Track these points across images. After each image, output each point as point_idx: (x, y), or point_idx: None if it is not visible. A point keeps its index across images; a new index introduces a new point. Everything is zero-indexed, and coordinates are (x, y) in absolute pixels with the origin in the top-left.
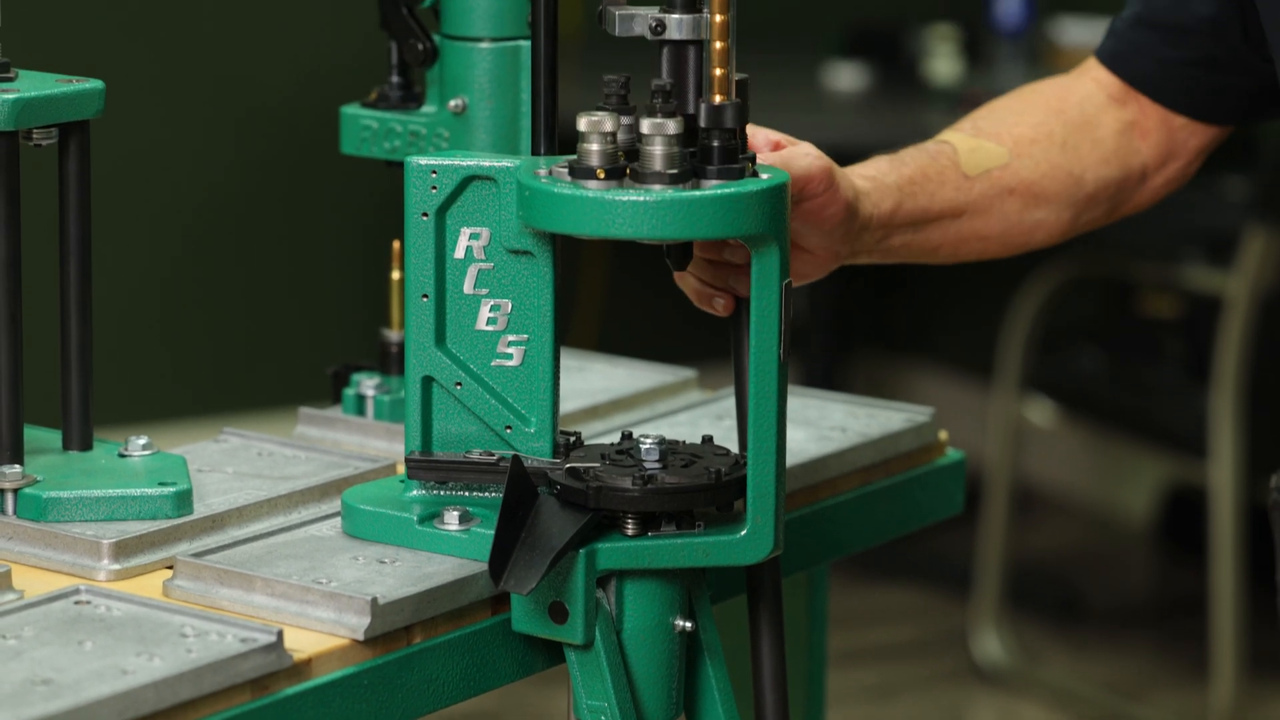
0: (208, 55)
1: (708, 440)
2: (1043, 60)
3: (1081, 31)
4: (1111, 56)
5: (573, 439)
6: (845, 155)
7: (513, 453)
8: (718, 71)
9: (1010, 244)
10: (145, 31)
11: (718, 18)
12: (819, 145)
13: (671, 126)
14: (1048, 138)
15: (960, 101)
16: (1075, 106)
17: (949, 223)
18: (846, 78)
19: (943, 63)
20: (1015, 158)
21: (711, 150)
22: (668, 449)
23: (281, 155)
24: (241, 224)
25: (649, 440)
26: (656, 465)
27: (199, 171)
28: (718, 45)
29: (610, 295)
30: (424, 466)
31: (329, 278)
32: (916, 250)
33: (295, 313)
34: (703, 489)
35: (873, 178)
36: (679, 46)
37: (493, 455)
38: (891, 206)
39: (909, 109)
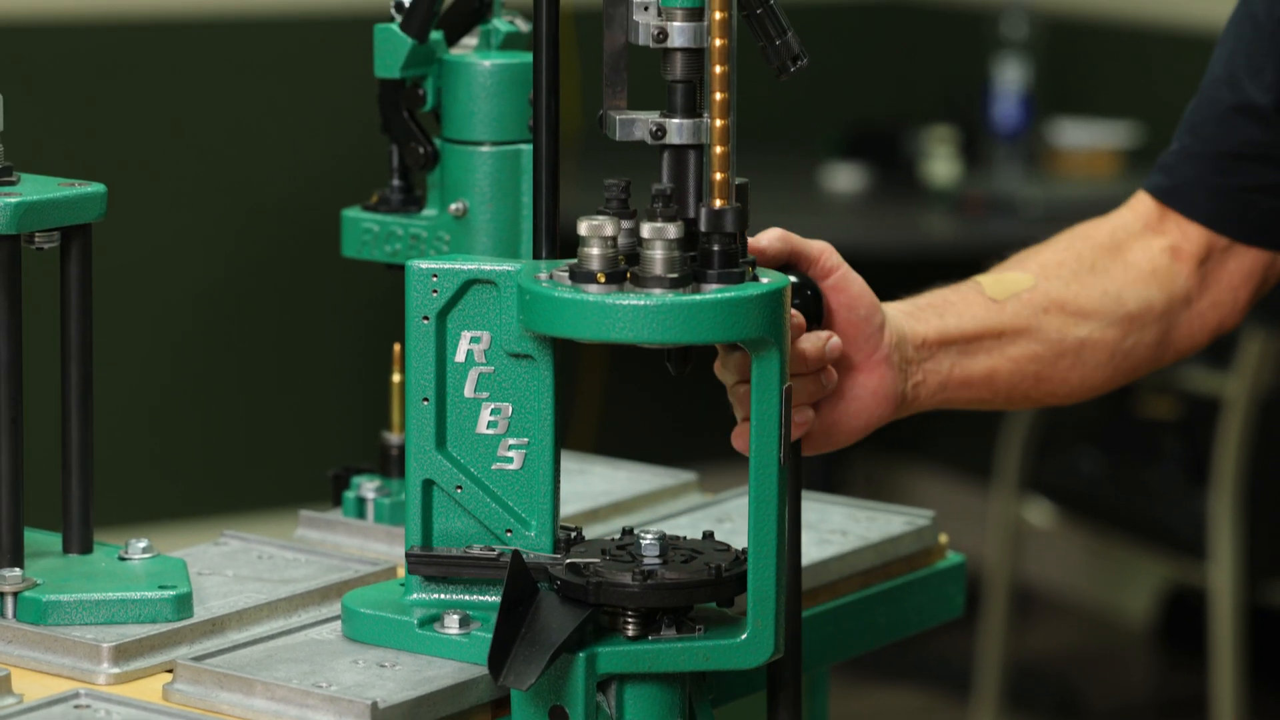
0: (209, 158)
1: (708, 536)
2: (1040, 162)
3: (1079, 133)
4: (1164, 191)
5: (573, 534)
6: (844, 256)
7: (513, 548)
8: (718, 176)
9: (1063, 371)
10: (147, 134)
11: (718, 122)
12: None
13: (672, 231)
14: (1075, 260)
15: (958, 203)
16: (1106, 234)
17: (991, 344)
18: (845, 179)
19: (941, 164)
20: (1042, 280)
21: (712, 254)
22: (668, 544)
23: (282, 257)
24: (242, 326)
25: (649, 535)
26: (657, 561)
27: (200, 273)
28: (718, 150)
29: (609, 397)
30: (424, 561)
31: (329, 380)
32: (973, 379)
33: (295, 414)
34: (703, 584)
35: (892, 305)
36: (679, 151)
37: (493, 550)
38: (924, 323)
39: (907, 210)
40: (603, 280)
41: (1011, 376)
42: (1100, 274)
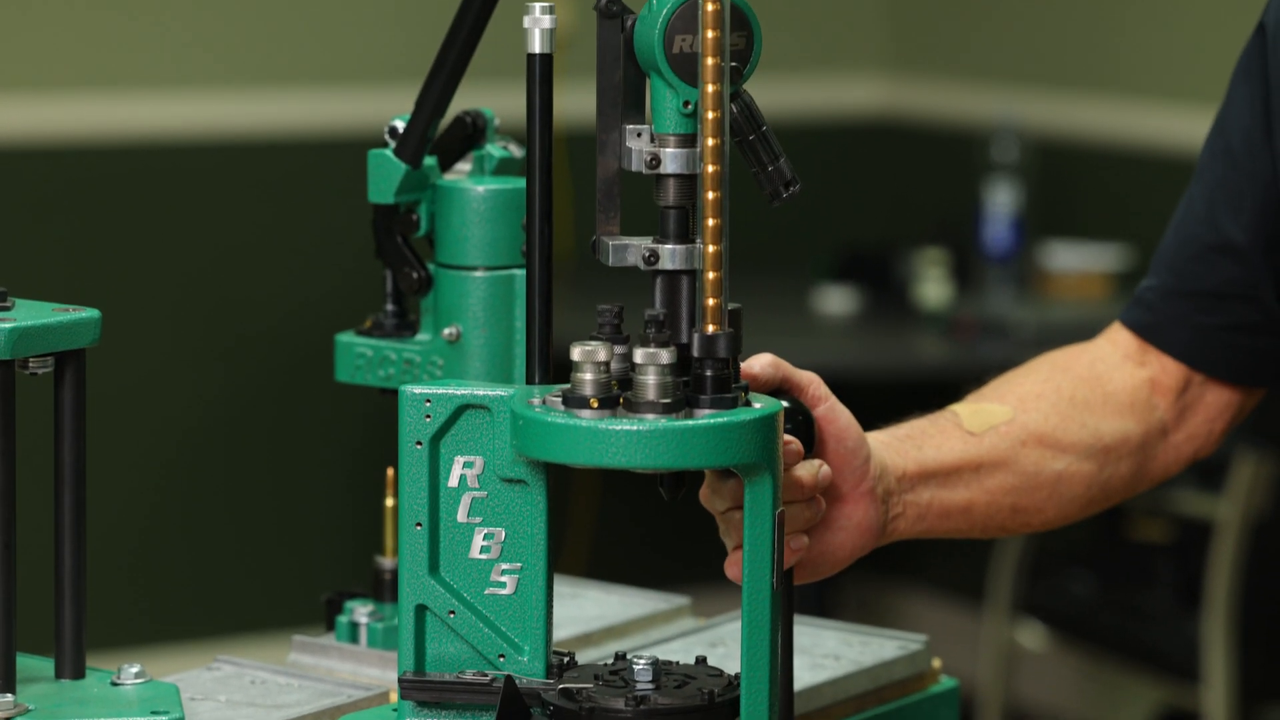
0: (203, 280)
1: (701, 661)
2: (1032, 284)
3: (1070, 256)
4: (1145, 328)
5: (566, 659)
6: (836, 378)
7: (506, 673)
8: (711, 301)
9: (1040, 502)
10: (141, 256)
11: (711, 248)
12: (810, 368)
13: (664, 356)
14: (1055, 392)
15: (950, 325)
16: (1086, 365)
17: (970, 476)
18: (836, 301)
19: (932, 287)
20: (1021, 412)
21: (705, 380)
22: (661, 670)
23: (275, 380)
24: (236, 449)
25: (642, 661)
26: (650, 686)
27: (194, 396)
28: (711, 275)
29: (601, 519)
30: (417, 686)
31: (322, 503)
32: (952, 510)
33: (288, 538)
34: (696, 710)
35: (871, 436)
36: (672, 276)
37: (486, 676)
38: (904, 455)
39: (899, 333)
40: (596, 406)
41: (988, 508)
42: (1079, 407)
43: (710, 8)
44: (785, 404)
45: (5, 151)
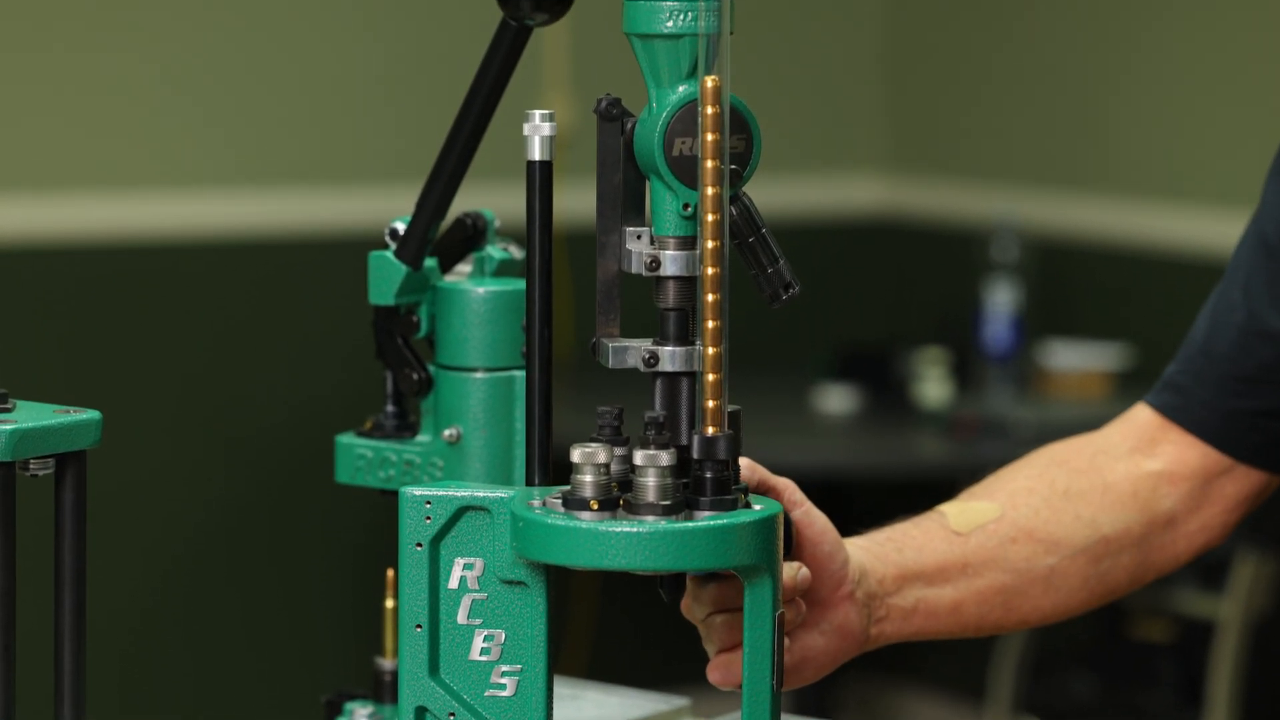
0: (203, 380)
1: None
2: (1031, 384)
3: (1070, 355)
4: (1174, 409)
5: None
6: (836, 478)
7: None
8: (711, 403)
9: (1035, 598)
10: (142, 356)
11: (710, 350)
12: (809, 469)
13: (664, 458)
14: (1048, 486)
15: (950, 424)
16: (1087, 458)
17: (956, 577)
18: (836, 400)
19: (932, 386)
20: (1010, 509)
21: (704, 481)
22: None
23: (275, 481)
24: (235, 549)
25: None
26: None
27: (194, 496)
28: (710, 377)
29: (601, 620)
30: None
31: (322, 604)
32: (939, 611)
33: (288, 639)
34: None
35: (852, 541)
36: (672, 377)
37: None
38: (883, 560)
39: (899, 432)
40: (596, 508)
41: (980, 607)
42: (1074, 499)
43: (710, 111)
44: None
45: (6, 252)
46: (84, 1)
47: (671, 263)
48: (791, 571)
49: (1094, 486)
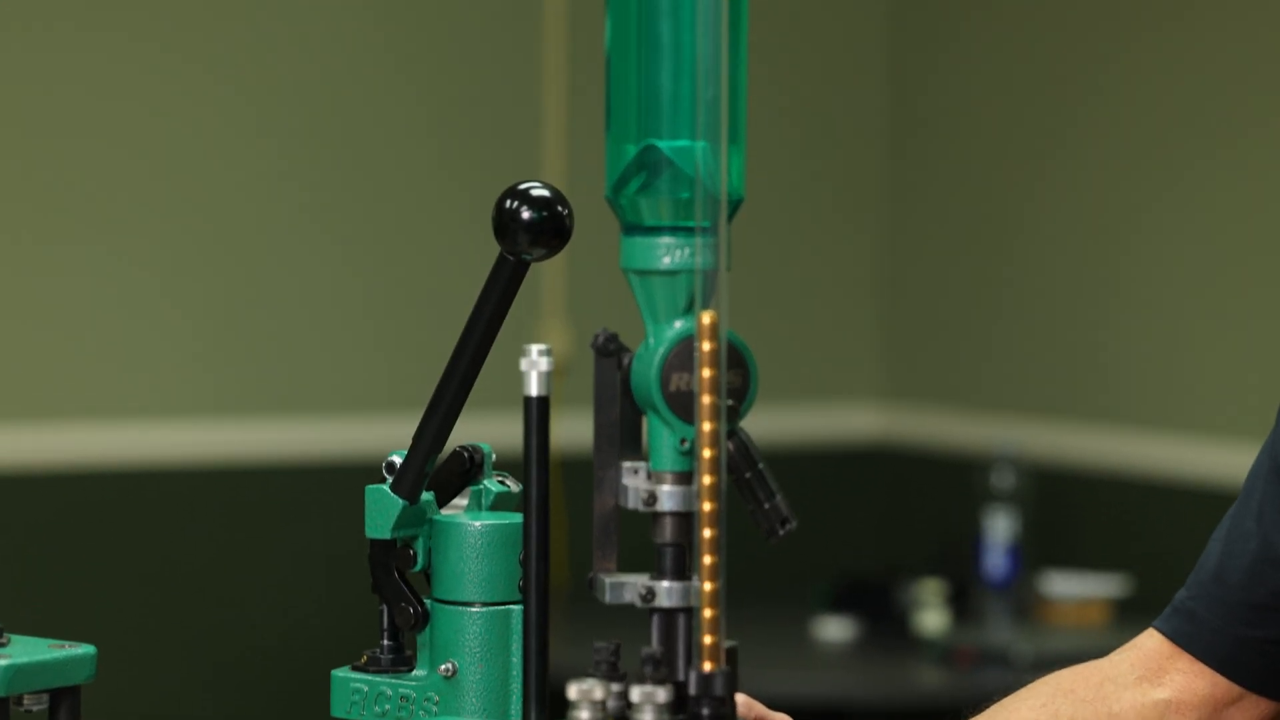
0: (198, 612)
1: None
2: (1030, 613)
3: (1068, 584)
4: (1184, 636)
5: None
6: (835, 708)
7: None
8: (708, 640)
9: None
10: (135, 586)
11: (708, 586)
12: (808, 699)
13: (661, 695)
14: (1051, 717)
15: (949, 654)
16: (1093, 687)
17: None
18: (835, 630)
19: (931, 615)
20: None
21: (701, 718)
22: None
23: (271, 713)
24: None
25: None
26: None
27: None
28: (708, 613)
29: None
30: None
31: None
32: None
33: None
34: None
35: None
36: (669, 614)
37: None
38: None
39: (899, 662)
40: None
41: None
42: None
43: (707, 346)
44: None
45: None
46: (114, 228)
47: (668, 498)
48: None
49: (1099, 715)
